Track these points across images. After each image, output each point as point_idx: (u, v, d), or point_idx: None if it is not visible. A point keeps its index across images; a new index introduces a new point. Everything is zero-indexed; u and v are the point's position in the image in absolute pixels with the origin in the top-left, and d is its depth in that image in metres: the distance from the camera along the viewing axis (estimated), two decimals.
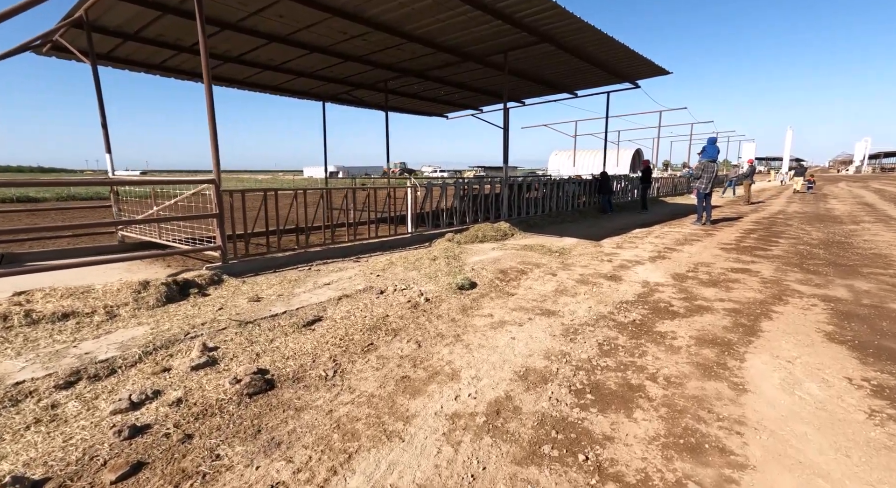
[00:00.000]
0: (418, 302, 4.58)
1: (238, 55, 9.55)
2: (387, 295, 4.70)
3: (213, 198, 5.01)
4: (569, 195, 12.97)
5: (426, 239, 7.89)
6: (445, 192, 8.45)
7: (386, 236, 7.41)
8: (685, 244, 8.42)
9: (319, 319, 3.97)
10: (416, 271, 5.70)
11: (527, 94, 14.64)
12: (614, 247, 8.00)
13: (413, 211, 7.76)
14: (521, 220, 10.54)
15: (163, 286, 4.06)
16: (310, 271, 5.61)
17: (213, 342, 3.33)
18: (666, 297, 5.05)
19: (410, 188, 7.75)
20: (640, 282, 5.66)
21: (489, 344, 3.72)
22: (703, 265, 6.65)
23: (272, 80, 11.69)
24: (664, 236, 9.40)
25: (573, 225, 11.12)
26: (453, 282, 5.11)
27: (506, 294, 5.09)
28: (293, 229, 7.64)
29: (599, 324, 4.22)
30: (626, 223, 11.74)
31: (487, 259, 6.66)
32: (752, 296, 5.09)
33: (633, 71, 11.86)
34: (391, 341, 3.72)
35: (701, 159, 11.23)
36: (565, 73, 12.01)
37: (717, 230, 10.41)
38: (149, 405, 2.56)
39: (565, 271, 6.18)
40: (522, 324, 4.19)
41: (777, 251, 7.71)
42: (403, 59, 10.27)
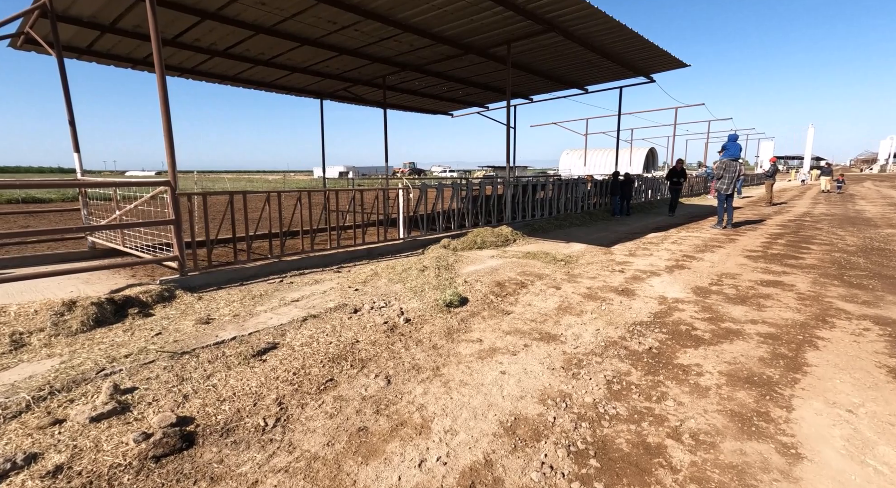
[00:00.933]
0: (397, 323, 3.94)
1: (225, 49, 9.03)
2: (361, 314, 4.07)
3: (169, 203, 4.44)
4: (577, 196, 12.23)
5: (420, 245, 7.27)
6: (442, 194, 7.82)
7: (374, 243, 6.80)
8: (706, 251, 7.66)
9: (274, 347, 3.35)
10: (402, 284, 5.07)
11: (534, 89, 13.93)
12: (627, 255, 7.27)
13: (405, 215, 7.14)
14: (526, 224, 9.85)
15: (93, 306, 3.49)
16: (281, 284, 5.01)
17: (131, 381, 2.73)
18: (687, 317, 4.34)
19: (402, 189, 7.13)
20: (656, 298, 4.95)
21: (473, 380, 3.07)
22: (727, 276, 5.91)
23: (266, 75, 11.17)
24: (682, 242, 8.63)
25: (582, 229, 10.39)
26: (441, 297, 4.46)
27: (500, 312, 4.43)
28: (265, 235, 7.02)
29: (608, 353, 3.54)
30: (639, 226, 10.97)
31: (484, 269, 6.00)
32: (790, 316, 4.36)
33: (647, 64, 11.09)
34: (356, 375, 3.09)
35: (722, 158, 10.42)
36: (574, 66, 11.28)
37: (740, 234, 9.59)
38: (13, 477, 1.96)
39: (571, 284, 5.49)
40: (517, 352, 3.53)
41: (810, 260, 6.91)
42: (401, 51, 9.65)
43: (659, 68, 11.63)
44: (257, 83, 11.80)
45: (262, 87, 12.11)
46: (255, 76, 11.17)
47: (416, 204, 7.41)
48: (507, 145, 9.42)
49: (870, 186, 31.32)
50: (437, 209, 7.94)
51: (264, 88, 12.26)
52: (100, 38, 8.09)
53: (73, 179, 6.00)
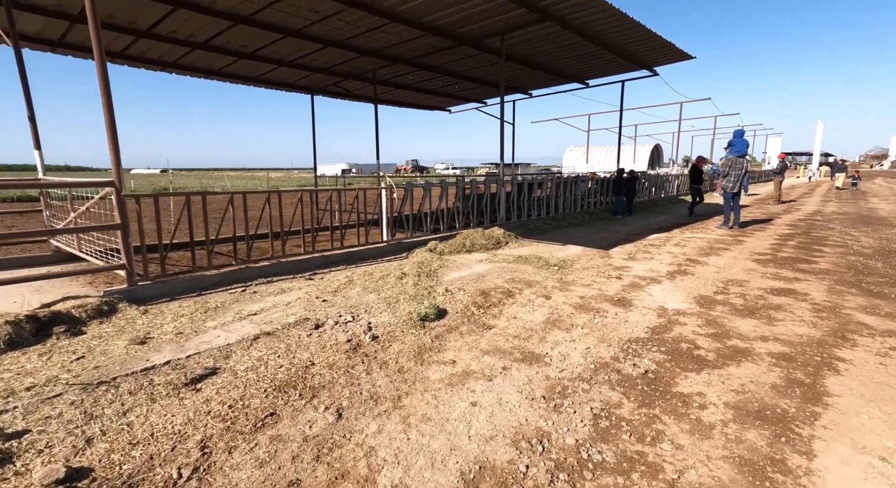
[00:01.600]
0: (362, 341, 3.52)
1: (205, 41, 8.60)
2: (323, 331, 3.65)
3: (114, 205, 4.03)
4: (577, 195, 11.74)
5: (405, 248, 6.84)
6: (430, 194, 7.38)
7: (354, 246, 6.37)
8: (711, 254, 7.17)
9: (214, 372, 2.94)
10: (376, 294, 4.64)
11: (532, 83, 13.43)
12: (626, 259, 6.80)
13: (389, 216, 6.71)
14: (521, 224, 9.39)
15: (7, 326, 3.09)
16: (243, 294, 4.60)
17: (24, 421, 2.33)
18: (689, 333, 3.89)
19: (385, 189, 6.70)
20: (655, 309, 4.50)
21: (438, 414, 2.64)
22: (734, 283, 5.44)
23: (252, 70, 10.74)
24: (686, 244, 8.15)
25: (581, 229, 9.91)
26: (416, 310, 4.04)
27: (481, 327, 3.99)
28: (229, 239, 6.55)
29: (598, 377, 3.10)
30: (641, 227, 10.48)
31: (470, 275, 5.56)
32: (805, 332, 3.89)
33: (650, 56, 10.57)
34: (303, 408, 2.67)
35: (728, 155, 9.90)
36: (574, 58, 10.78)
37: (748, 235, 9.09)
38: None
39: (563, 292, 5.04)
40: (493, 376, 3.10)
41: (824, 264, 6.42)
42: (390, 43, 9.20)
43: (662, 61, 11.10)
44: (244, 78, 11.38)
45: (249, 81, 11.70)
46: (241, 70, 10.75)
47: (401, 204, 6.98)
48: (500, 141, 8.95)
49: (881, 183, 30.56)
50: (424, 209, 7.50)
51: (252, 83, 11.84)
52: (70, 30, 7.70)
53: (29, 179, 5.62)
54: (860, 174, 24.94)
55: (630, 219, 11.93)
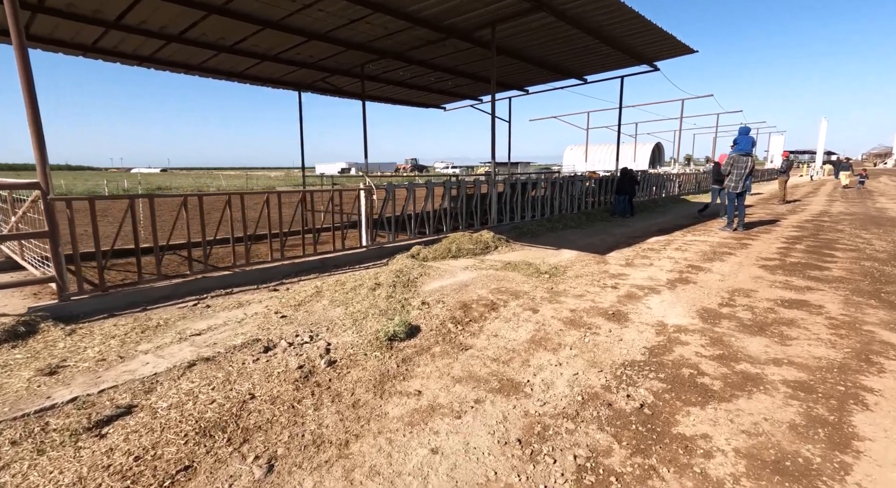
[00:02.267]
0: (315, 367, 3.06)
1: (180, 33, 8.15)
2: (274, 354, 3.19)
3: (41, 210, 3.58)
4: (574, 195, 11.27)
5: (386, 254, 6.39)
6: (413, 195, 6.92)
7: (329, 252, 5.91)
8: (714, 259, 6.71)
9: (129, 411, 2.49)
10: (344, 307, 4.19)
11: (528, 79, 12.96)
12: (623, 265, 6.34)
13: (369, 219, 6.25)
14: (514, 227, 8.93)
15: None
16: (194, 308, 4.15)
17: None
18: (691, 355, 3.43)
19: (363, 190, 6.24)
20: (653, 325, 4.04)
21: (390, 467, 2.19)
22: (741, 293, 4.98)
23: (234, 64, 10.28)
24: (687, 247, 7.68)
25: (577, 231, 9.45)
26: (384, 328, 3.58)
27: (457, 347, 3.53)
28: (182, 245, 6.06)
29: (585, 413, 2.65)
30: (641, 228, 10.01)
31: (452, 284, 5.10)
32: (824, 354, 3.43)
33: (650, 49, 10.10)
34: (228, 457, 2.22)
35: (731, 153, 9.43)
36: (570, 53, 10.31)
37: (753, 238, 8.62)
38: None
39: (552, 304, 4.58)
40: (463, 413, 2.64)
41: (837, 270, 5.95)
42: (376, 36, 8.73)
43: (663, 54, 10.63)
44: (227, 73, 10.93)
45: (233, 77, 11.25)
46: (222, 65, 10.29)
47: (382, 206, 6.51)
48: (491, 139, 8.49)
49: (886, 182, 30.02)
50: (409, 211, 7.04)
51: (237, 79, 11.39)
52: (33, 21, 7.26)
53: None
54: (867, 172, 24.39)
55: (630, 220, 11.46)
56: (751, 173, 9.29)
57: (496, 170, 9.24)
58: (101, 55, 9.04)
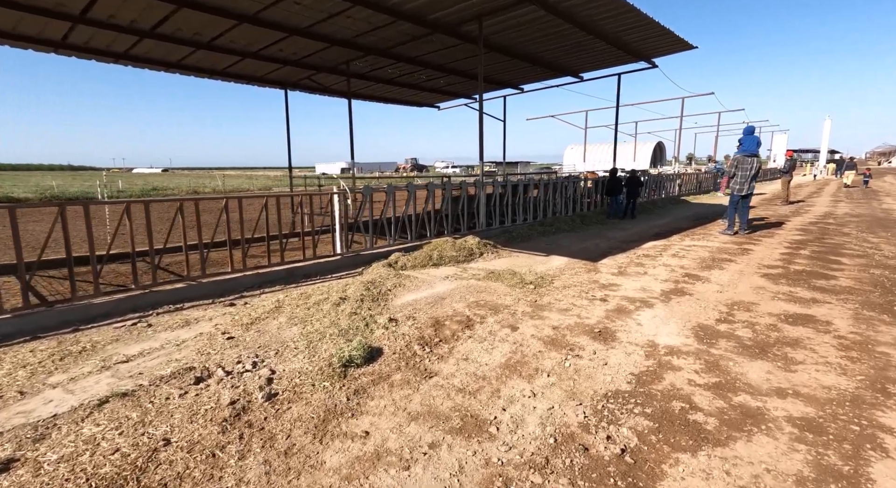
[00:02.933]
0: (251, 402, 2.68)
1: (152, 28, 7.77)
2: (206, 386, 2.81)
3: None
4: (568, 197, 10.86)
5: (363, 262, 6.00)
6: (392, 198, 6.51)
7: (298, 261, 5.53)
8: (713, 267, 6.30)
9: (5, 468, 2.10)
10: (302, 326, 3.81)
11: (521, 77, 12.56)
12: (615, 274, 5.94)
13: (343, 224, 5.85)
14: (504, 231, 8.54)
15: None
16: (133, 328, 3.77)
17: None
18: (684, 383, 3.04)
19: (337, 194, 5.84)
20: (643, 346, 3.65)
21: None
22: (740, 307, 4.58)
23: (215, 62, 9.90)
24: (685, 254, 7.27)
25: (570, 236, 9.04)
26: (340, 352, 3.20)
27: (420, 374, 3.15)
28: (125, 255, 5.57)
29: (556, 463, 2.26)
30: (637, 232, 9.60)
31: (427, 297, 4.72)
32: (833, 383, 3.03)
33: (647, 45, 9.69)
34: None
35: (735, 153, 9.05)
36: (564, 49, 9.90)
37: (755, 242, 8.21)
38: None
39: (533, 321, 4.19)
40: (413, 462, 2.26)
41: (845, 280, 5.54)
42: (359, 31, 8.35)
43: (661, 51, 10.21)
44: (209, 71, 10.55)
45: (216, 75, 10.86)
46: (202, 62, 9.91)
47: (359, 210, 6.12)
48: (479, 138, 8.10)
49: (892, 181, 29.48)
50: (388, 215, 6.64)
51: (220, 77, 11.01)
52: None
53: None
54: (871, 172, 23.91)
55: (626, 223, 11.04)
56: (757, 175, 8.89)
57: (489, 171, 8.86)
58: (74, 52, 8.66)
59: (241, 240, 5.06)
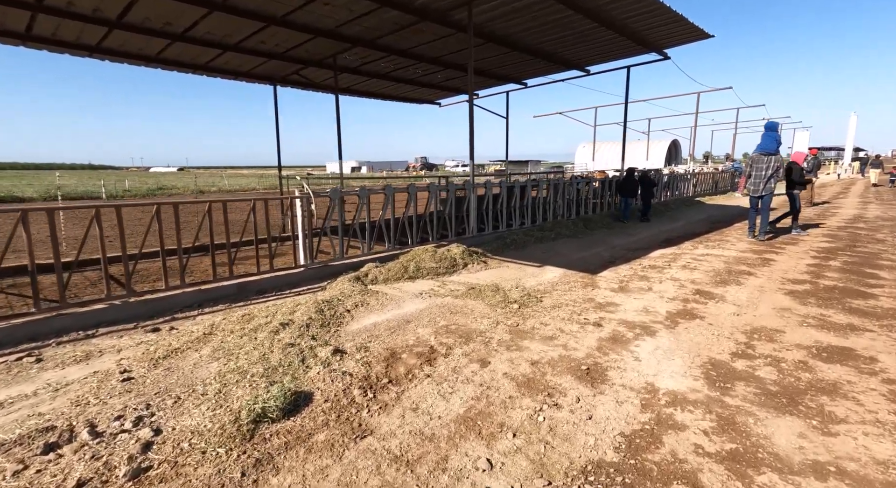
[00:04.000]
0: (108, 482, 2.05)
1: (118, 17, 7.24)
2: (58, 456, 2.19)
3: None
4: (571, 198, 10.08)
5: (331, 274, 5.37)
6: (366, 202, 5.84)
7: (251, 275, 4.91)
8: (729, 282, 5.53)
9: None
10: (225, 361, 3.18)
11: (524, 71, 11.81)
12: (615, 290, 5.21)
13: (306, 233, 5.21)
14: (498, 237, 7.84)
15: None
16: (17, 363, 3.15)
17: None
18: (688, 453, 2.33)
19: (299, 199, 5.19)
20: (639, 391, 2.94)
21: None
22: (762, 336, 3.83)
23: (194, 55, 9.36)
24: (697, 264, 6.49)
25: (571, 242, 8.28)
26: (251, 403, 2.56)
27: (351, 433, 2.49)
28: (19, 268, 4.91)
29: None
30: (645, 238, 8.81)
31: (390, 321, 4.06)
32: (889, 454, 2.30)
33: (659, 34, 8.88)
34: None
35: (753, 152, 8.25)
36: (567, 39, 9.15)
37: (776, 251, 7.38)
38: None
39: (510, 352, 3.51)
40: None
41: (886, 298, 4.73)
42: (341, 20, 7.73)
43: (674, 40, 9.39)
44: (192, 66, 10.03)
45: (200, 70, 10.34)
46: (182, 56, 9.40)
47: (327, 216, 5.45)
48: (469, 135, 7.40)
49: None
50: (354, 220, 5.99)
51: (204, 72, 10.49)
52: None
53: None
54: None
55: (635, 227, 10.23)
56: (775, 174, 8.04)
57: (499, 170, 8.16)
58: (43, 44, 8.19)
59: (179, 250, 4.43)
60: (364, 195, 5.75)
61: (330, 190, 5.38)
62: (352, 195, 5.82)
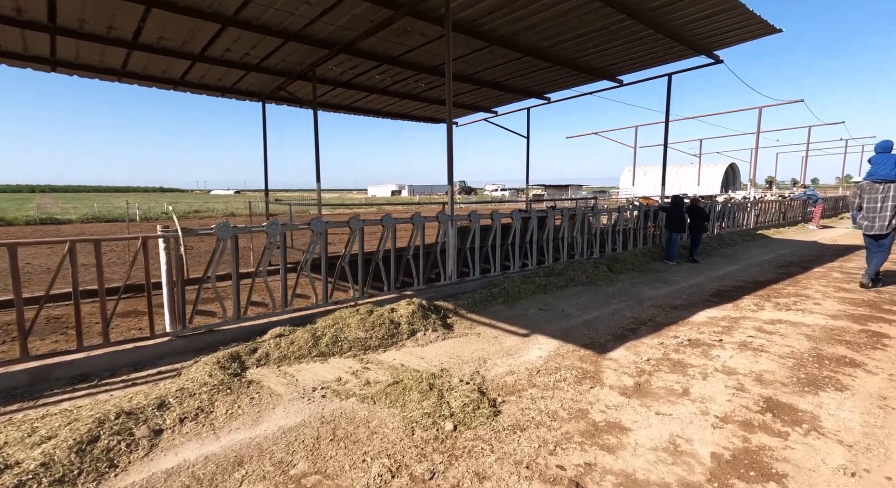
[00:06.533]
0: None
1: (50, 19, 6.34)
2: None
3: None
4: (593, 234, 8.10)
5: (217, 343, 3.80)
6: (277, 241, 4.23)
7: (71, 352, 3.36)
8: (822, 382, 3.45)
9: None
10: None
11: (543, 83, 10.15)
12: (627, 390, 3.28)
13: (173, 288, 3.63)
14: (488, 283, 6.03)
15: None
16: None
17: None
18: None
19: (164, 239, 3.64)
20: None
21: None
22: None
23: (164, 68, 8.41)
24: (765, 341, 4.41)
25: (583, 293, 6.28)
26: None
27: None
28: None
29: None
30: (687, 289, 6.65)
31: (215, 456, 2.42)
32: None
33: (707, 30, 7.07)
34: None
35: (863, 179, 6.25)
36: (589, 40, 7.48)
37: (888, 315, 5.10)
38: None
39: None
40: None
41: None
42: (306, 17, 6.46)
43: (729, 38, 7.49)
44: (164, 80, 9.10)
45: (179, 86, 9.43)
46: (150, 70, 8.50)
47: (215, 261, 3.88)
48: (448, 159, 5.79)
49: None
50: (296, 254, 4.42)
51: (184, 88, 9.60)
52: None
53: None
54: None
55: (676, 270, 8.03)
56: None
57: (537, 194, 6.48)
58: None
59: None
60: (275, 231, 4.19)
61: (216, 227, 3.88)
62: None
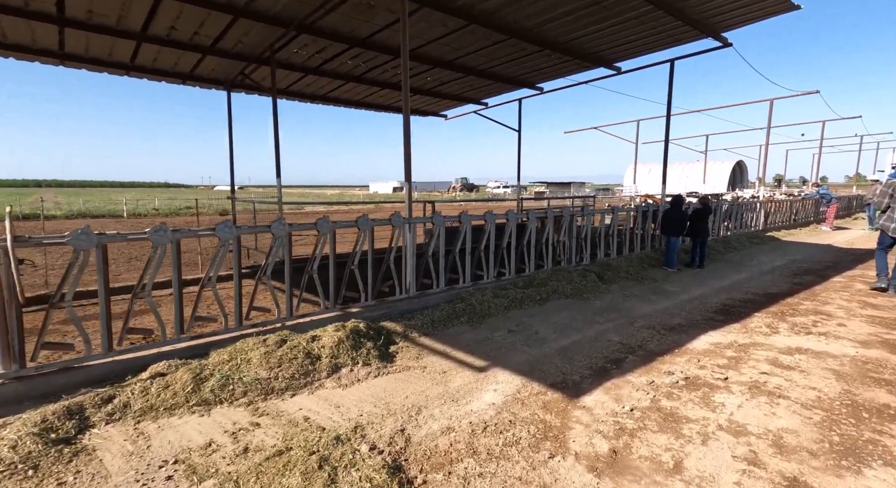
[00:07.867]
0: None
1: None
2: None
3: None
4: (582, 238, 7.19)
5: (73, 386, 2.95)
6: (221, 258, 3.39)
7: None
8: (863, 450, 2.58)
9: None
10: None
11: (534, 71, 9.23)
12: (602, 458, 2.42)
13: (7, 313, 2.76)
14: (455, 297, 5.18)
15: None
16: None
17: None
18: None
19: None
20: None
21: None
22: None
23: (107, 50, 7.58)
24: (782, 378, 3.53)
25: (564, 310, 5.39)
26: None
27: None
28: None
29: None
30: (687, 303, 5.75)
31: None
32: None
33: (713, 6, 6.12)
34: None
35: (890, 177, 5.33)
36: (579, 19, 6.57)
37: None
38: None
39: None
40: None
41: None
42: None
43: (740, 17, 6.57)
44: (110, 64, 8.20)
45: (121, 69, 8.40)
46: (93, 50, 7.63)
47: (74, 277, 3.02)
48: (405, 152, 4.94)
49: None
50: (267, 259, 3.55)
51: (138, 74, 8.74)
52: None
53: None
54: None
55: (676, 280, 7.11)
56: None
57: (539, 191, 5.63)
58: None
59: None
60: (163, 239, 3.31)
61: (69, 235, 3.01)
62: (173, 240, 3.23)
